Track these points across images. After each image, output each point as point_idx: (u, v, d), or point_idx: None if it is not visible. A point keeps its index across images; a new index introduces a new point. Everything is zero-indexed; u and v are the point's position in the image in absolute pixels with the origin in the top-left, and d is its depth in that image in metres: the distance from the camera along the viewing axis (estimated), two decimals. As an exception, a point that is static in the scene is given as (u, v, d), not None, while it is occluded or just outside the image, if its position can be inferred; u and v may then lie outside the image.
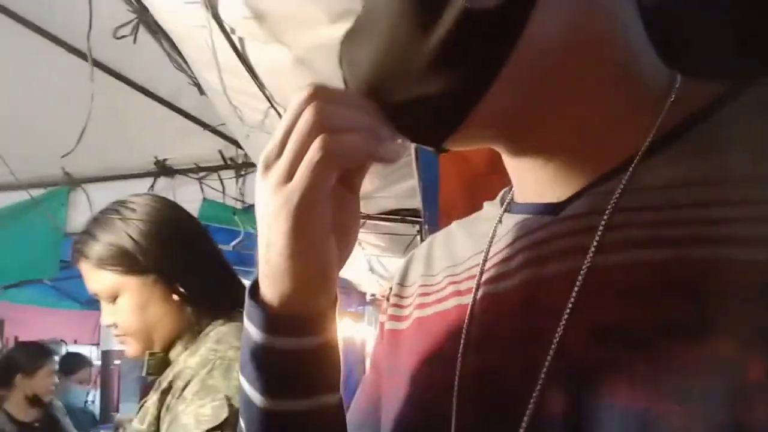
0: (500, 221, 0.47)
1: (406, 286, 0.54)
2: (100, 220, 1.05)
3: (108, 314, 1.04)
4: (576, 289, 0.35)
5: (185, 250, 1.04)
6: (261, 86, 1.39)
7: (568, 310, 0.35)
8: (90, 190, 2.54)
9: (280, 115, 1.48)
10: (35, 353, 2.67)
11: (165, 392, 0.96)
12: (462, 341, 0.42)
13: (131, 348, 1.04)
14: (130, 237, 1.01)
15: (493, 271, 0.43)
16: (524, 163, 0.43)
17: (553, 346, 0.35)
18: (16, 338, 4.27)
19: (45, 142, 2.18)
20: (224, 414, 0.87)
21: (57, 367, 2.78)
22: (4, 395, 2.55)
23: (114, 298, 1.02)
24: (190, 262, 1.04)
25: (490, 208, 0.51)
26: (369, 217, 2.55)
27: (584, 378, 0.33)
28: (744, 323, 0.29)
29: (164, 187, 2.51)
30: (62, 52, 1.74)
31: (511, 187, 0.49)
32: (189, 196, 2.48)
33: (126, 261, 1.00)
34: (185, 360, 0.99)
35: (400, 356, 0.49)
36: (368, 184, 2.08)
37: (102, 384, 4.59)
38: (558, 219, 0.40)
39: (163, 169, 2.49)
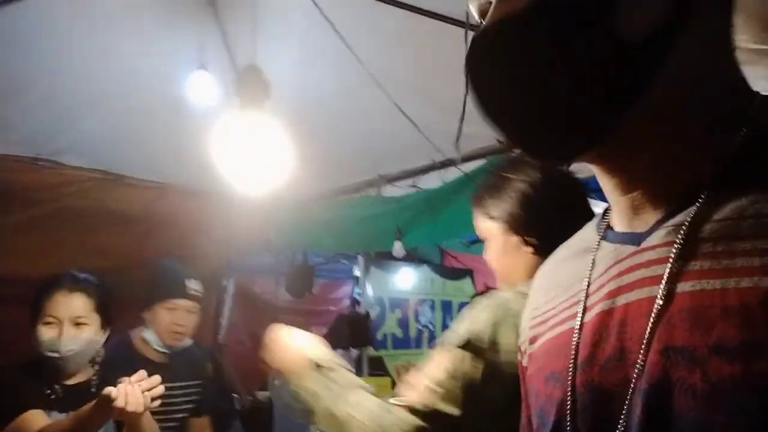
0: (599, 246, 0.52)
1: (534, 317, 0.61)
2: (496, 176, 1.23)
3: (486, 253, 1.24)
4: (653, 315, 0.41)
5: (553, 213, 1.11)
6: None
7: (647, 334, 0.41)
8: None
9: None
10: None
11: None
12: (571, 360, 0.48)
13: (497, 282, 1.22)
14: (511, 196, 1.15)
15: (595, 296, 0.49)
16: (616, 189, 0.48)
17: (637, 367, 0.41)
18: (485, 285, 5.01)
19: (478, 119, 2.50)
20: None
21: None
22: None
23: (488, 240, 1.21)
24: (552, 224, 1.09)
25: (588, 233, 0.58)
26: None
27: (657, 393, 0.39)
28: None
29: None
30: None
31: (605, 212, 0.55)
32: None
33: (500, 214, 1.17)
34: None
35: (531, 377, 0.57)
36: None
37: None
38: (639, 249, 0.46)
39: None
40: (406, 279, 4.78)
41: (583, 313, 0.49)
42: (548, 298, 0.59)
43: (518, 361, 0.64)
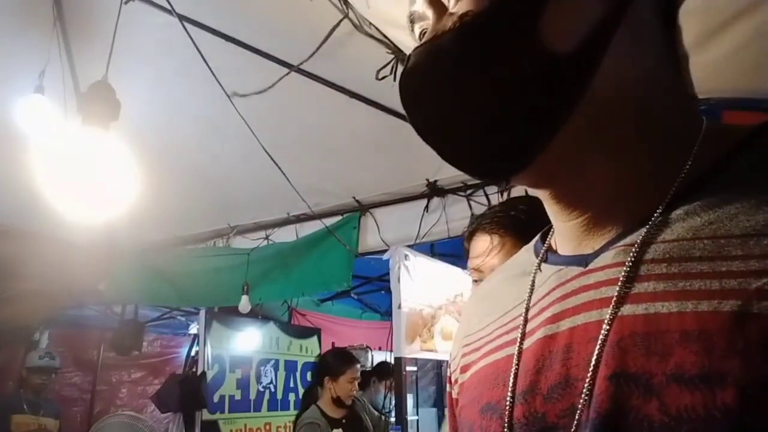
0: (539, 269, 0.50)
1: (466, 344, 0.57)
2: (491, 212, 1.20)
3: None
4: (601, 339, 0.38)
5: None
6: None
7: (594, 359, 0.38)
8: (376, 214, 2.84)
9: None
10: (340, 359, 3.03)
11: None
12: (510, 389, 0.44)
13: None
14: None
15: (535, 320, 0.46)
16: (562, 213, 0.46)
17: (584, 394, 0.38)
18: (333, 344, 4.92)
19: (336, 176, 2.50)
20: None
21: (358, 374, 3.05)
22: (319, 393, 2.97)
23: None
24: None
25: (525, 255, 0.55)
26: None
27: (608, 424, 0.36)
28: (744, 373, 0.32)
29: (437, 206, 2.67)
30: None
31: (545, 234, 0.52)
32: (459, 214, 2.60)
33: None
34: None
35: (464, 409, 0.53)
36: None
37: (396, 388, 5.02)
38: (586, 271, 0.43)
39: (434, 190, 2.64)
40: (249, 337, 4.54)
41: (522, 340, 0.46)
42: (482, 324, 0.55)
43: (448, 393, 0.60)
